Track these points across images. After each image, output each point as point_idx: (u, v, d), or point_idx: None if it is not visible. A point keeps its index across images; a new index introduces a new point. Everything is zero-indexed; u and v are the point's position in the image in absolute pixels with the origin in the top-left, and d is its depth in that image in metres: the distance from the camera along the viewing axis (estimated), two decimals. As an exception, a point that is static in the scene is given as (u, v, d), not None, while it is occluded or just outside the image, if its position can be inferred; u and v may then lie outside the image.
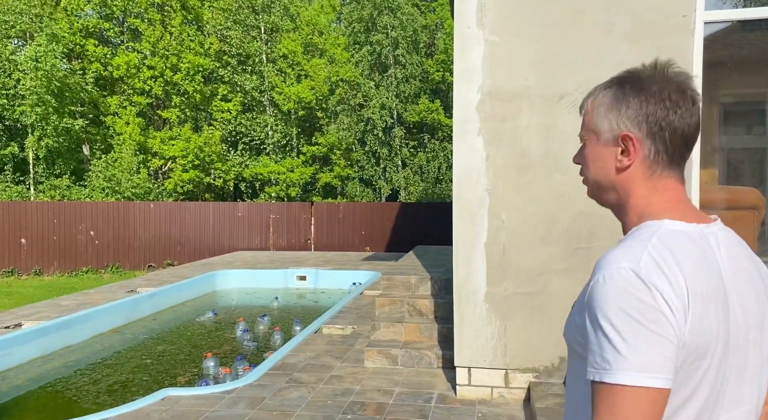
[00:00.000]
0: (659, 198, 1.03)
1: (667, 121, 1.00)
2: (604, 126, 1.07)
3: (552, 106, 4.15)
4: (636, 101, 1.02)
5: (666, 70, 1.03)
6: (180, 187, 19.47)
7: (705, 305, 0.92)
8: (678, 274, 0.91)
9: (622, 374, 0.86)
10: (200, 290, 9.81)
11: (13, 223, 13.58)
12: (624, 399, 0.86)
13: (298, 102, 20.64)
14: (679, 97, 1.00)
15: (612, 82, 1.08)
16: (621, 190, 1.07)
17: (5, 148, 18.26)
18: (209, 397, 4.35)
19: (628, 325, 0.88)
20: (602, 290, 0.92)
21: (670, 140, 1.01)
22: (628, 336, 0.87)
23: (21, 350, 6.07)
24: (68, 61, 19.73)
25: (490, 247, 4.28)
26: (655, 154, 1.02)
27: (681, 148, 1.02)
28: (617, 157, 1.05)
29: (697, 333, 0.91)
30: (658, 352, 0.87)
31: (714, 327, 0.93)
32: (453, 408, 4.14)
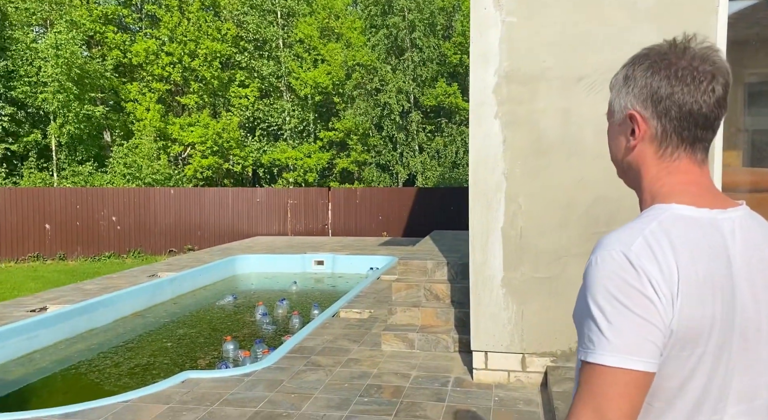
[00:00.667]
0: (671, 180, 1.00)
1: (672, 99, 0.96)
2: (616, 105, 1.06)
3: (570, 89, 4.09)
4: (642, 79, 0.99)
5: (682, 47, 0.99)
6: (199, 174, 19.65)
7: (699, 292, 0.90)
8: (670, 260, 0.90)
9: (604, 355, 0.88)
10: (220, 275, 9.93)
11: (38, 209, 13.83)
12: (603, 379, 0.88)
13: (315, 87, 20.61)
14: (688, 74, 0.96)
15: (629, 60, 1.05)
16: (634, 169, 1.05)
17: (29, 135, 18.55)
18: (229, 379, 4.42)
19: (613, 307, 0.89)
20: (593, 272, 0.93)
21: (677, 119, 0.97)
22: (613, 318, 0.88)
23: (46, 333, 6.21)
24: (88, 49, 19.92)
25: (507, 231, 4.25)
26: (663, 134, 0.99)
27: (692, 127, 0.97)
28: (627, 137, 1.04)
29: (686, 319, 0.90)
30: (640, 335, 0.88)
31: (709, 314, 0.91)
32: (470, 391, 4.16)
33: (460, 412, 3.80)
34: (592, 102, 4.05)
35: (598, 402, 0.88)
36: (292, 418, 3.71)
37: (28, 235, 13.79)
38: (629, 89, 1.02)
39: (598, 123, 4.05)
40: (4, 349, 5.66)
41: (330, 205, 14.67)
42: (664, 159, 1.01)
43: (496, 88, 4.22)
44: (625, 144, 1.05)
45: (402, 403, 3.93)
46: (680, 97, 0.96)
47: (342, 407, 3.87)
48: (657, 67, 0.98)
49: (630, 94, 1.01)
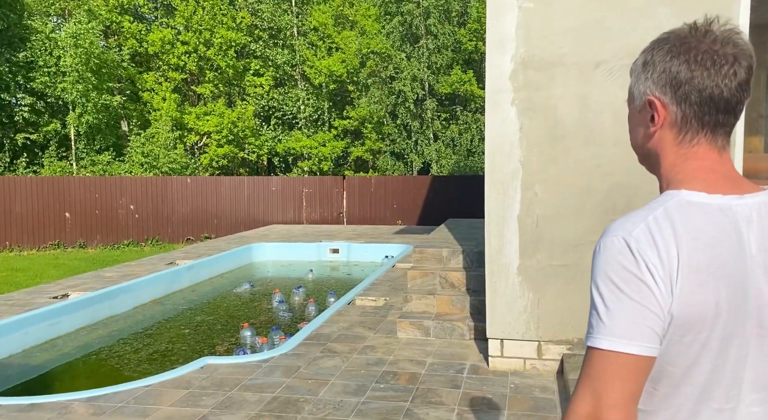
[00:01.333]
0: (688, 166, 0.99)
1: (692, 84, 0.94)
2: (636, 91, 1.04)
3: (588, 75, 4.04)
4: (661, 63, 0.97)
5: (703, 30, 0.96)
6: (215, 162, 19.78)
7: (701, 278, 0.90)
8: (671, 245, 0.90)
9: (600, 339, 0.90)
10: (237, 262, 10.02)
11: (58, 197, 14.04)
12: (600, 362, 0.90)
13: (329, 75, 20.58)
14: (708, 58, 0.94)
15: (648, 45, 1.03)
16: (653, 156, 1.04)
17: (48, 124, 18.78)
18: (247, 365, 4.48)
19: (611, 292, 0.91)
20: (596, 258, 0.95)
21: (697, 104, 0.95)
22: (610, 303, 0.90)
23: (68, 319, 6.33)
24: (104, 38, 20.06)
25: (523, 219, 4.24)
26: (683, 119, 0.97)
27: (712, 112, 0.96)
28: (647, 123, 1.02)
29: (687, 305, 0.90)
30: (637, 320, 0.89)
31: (711, 301, 0.90)
32: (485, 378, 4.18)
33: (476, 398, 3.82)
34: (609, 88, 4.01)
35: (595, 385, 0.90)
36: (310, 403, 3.75)
37: (48, 223, 14.01)
38: (648, 75, 1.00)
39: (616, 109, 4.01)
40: (28, 335, 5.79)
41: (345, 193, 14.70)
42: (683, 145, 0.99)
43: (512, 74, 4.18)
44: (644, 130, 1.04)
45: (418, 390, 3.96)
46: (700, 82, 0.94)
47: (358, 393, 3.91)
48: (676, 51, 0.96)
49: (649, 80, 1.00)
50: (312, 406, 3.70)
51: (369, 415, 3.56)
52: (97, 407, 3.73)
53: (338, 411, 3.63)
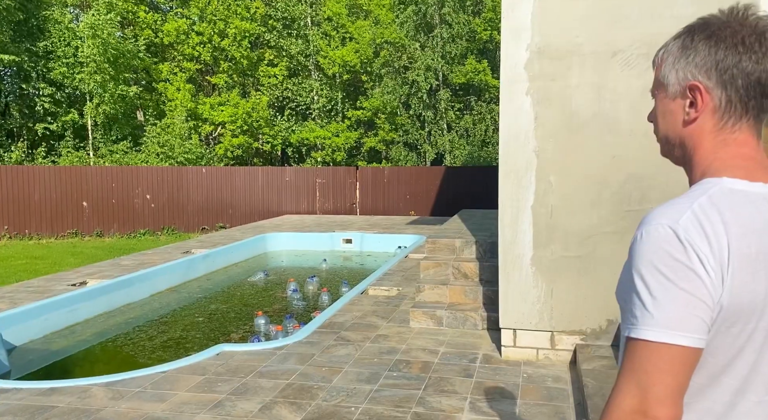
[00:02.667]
0: (726, 153, 0.97)
1: (739, 68, 0.92)
2: (671, 78, 1.01)
3: (604, 64, 4.01)
4: (705, 48, 0.95)
5: (742, 15, 0.95)
6: (230, 152, 19.89)
7: (751, 268, 0.88)
8: (721, 234, 0.88)
9: (647, 330, 0.87)
10: (251, 252, 10.10)
11: (76, 187, 14.22)
12: (647, 354, 0.87)
13: (343, 65, 20.56)
14: (755, 41, 0.92)
15: (682, 31, 1.01)
16: (688, 144, 1.01)
17: (66, 114, 18.99)
18: (261, 352, 4.53)
19: (658, 282, 0.87)
20: (639, 246, 0.91)
21: (744, 88, 0.93)
22: (657, 293, 0.87)
23: (86, 306, 6.43)
24: (121, 29, 20.20)
25: (537, 210, 4.22)
26: (727, 104, 0.95)
27: (758, 97, 0.94)
28: (685, 110, 1.00)
29: (737, 295, 0.88)
30: (686, 310, 0.86)
31: (761, 290, 0.89)
32: (498, 368, 4.19)
33: (489, 387, 3.83)
34: (626, 77, 3.97)
35: (640, 377, 0.87)
36: (323, 390, 3.80)
37: (66, 212, 14.21)
38: (689, 59, 0.98)
39: (633, 99, 3.97)
40: (47, 321, 5.89)
41: (358, 184, 14.72)
42: (723, 131, 0.97)
43: (527, 64, 4.16)
44: (682, 117, 1.01)
45: (430, 378, 3.99)
46: (747, 65, 0.92)
47: (371, 381, 3.94)
48: (721, 35, 0.95)
49: (690, 64, 0.97)
50: (326, 393, 3.74)
51: (382, 403, 3.60)
52: (115, 391, 3.80)
53: (351, 398, 3.67)
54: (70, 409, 3.54)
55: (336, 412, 3.46)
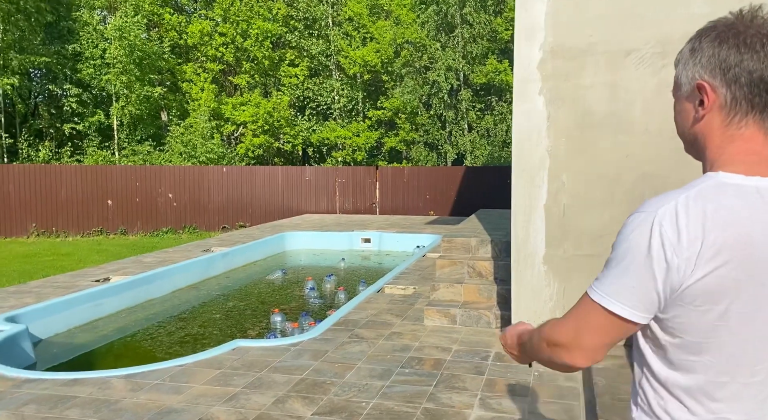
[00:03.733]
0: (732, 149, 1.02)
1: (742, 66, 0.98)
2: (683, 78, 1.08)
3: (618, 64, 4.00)
4: (710, 49, 1.01)
5: (750, 17, 1.01)
6: (251, 152, 20.12)
7: (724, 256, 0.95)
8: (697, 225, 0.95)
9: (595, 292, 1.03)
10: (270, 250, 10.23)
11: (101, 186, 14.54)
12: (590, 310, 1.04)
13: (364, 65, 20.65)
14: (757, 41, 0.98)
15: (694, 34, 1.08)
16: (700, 141, 1.07)
17: (93, 115, 19.41)
18: (276, 348, 4.61)
19: (617, 257, 1.01)
20: (622, 227, 1.04)
21: (747, 86, 0.98)
22: (614, 266, 1.01)
23: (109, 302, 6.60)
24: (147, 31, 20.60)
25: (549, 208, 4.24)
26: (732, 102, 1.00)
27: (763, 93, 0.99)
28: (695, 108, 1.06)
29: (705, 277, 0.95)
30: (629, 285, 0.99)
31: (731, 276, 0.95)
32: (509, 366, 4.21)
33: (500, 385, 3.86)
34: (640, 76, 3.96)
35: (580, 324, 1.05)
36: (336, 385, 3.86)
37: (92, 210, 14.53)
38: (696, 60, 1.04)
39: (647, 98, 3.96)
40: (72, 315, 6.06)
41: (377, 183, 14.78)
42: (730, 127, 1.02)
43: (540, 63, 4.17)
44: (693, 115, 1.06)
45: (442, 375, 4.02)
46: (749, 64, 0.98)
47: (383, 377, 3.99)
48: (725, 36, 1.01)
49: (698, 65, 1.04)
50: (338, 388, 3.80)
51: (393, 398, 3.64)
52: (134, 383, 3.91)
53: (363, 393, 3.73)
54: (91, 399, 3.66)
55: (347, 407, 3.52)
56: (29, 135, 18.73)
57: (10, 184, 14.04)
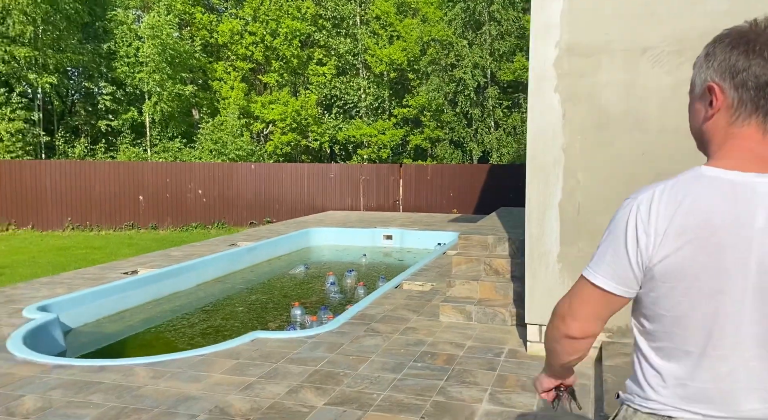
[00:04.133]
0: (729, 145, 1.12)
1: (749, 72, 1.07)
2: (697, 80, 1.18)
3: (634, 61, 3.98)
4: (722, 54, 1.11)
5: (763, 26, 1.09)
6: (279, 150, 20.38)
7: (686, 238, 1.08)
8: (668, 210, 1.09)
9: (587, 270, 1.20)
10: (294, 246, 10.40)
11: (133, 181, 14.94)
12: (581, 285, 1.22)
13: (390, 64, 20.72)
14: (766, 48, 1.06)
15: (711, 40, 1.17)
16: (706, 138, 1.17)
17: (126, 112, 19.92)
18: (293, 340, 4.73)
19: (606, 239, 1.18)
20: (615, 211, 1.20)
21: (754, 89, 1.07)
22: (601, 246, 1.19)
23: (136, 294, 6.81)
24: (179, 30, 21.03)
25: (564, 207, 4.24)
26: (739, 103, 1.09)
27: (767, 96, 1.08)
28: (705, 108, 1.15)
29: (667, 258, 1.09)
30: (609, 261, 1.15)
31: (690, 257, 1.08)
32: (522, 362, 4.24)
33: (511, 381, 3.89)
34: (656, 75, 3.93)
35: (573, 298, 1.23)
36: (349, 377, 3.95)
37: (124, 205, 14.94)
38: (709, 64, 1.13)
39: (663, 96, 3.93)
40: (100, 306, 6.29)
41: (401, 181, 14.84)
42: (733, 126, 1.11)
43: (556, 61, 4.17)
44: (703, 114, 1.16)
45: (454, 370, 4.07)
46: (756, 70, 1.06)
47: (396, 370, 4.07)
48: (737, 43, 1.10)
49: (710, 69, 1.13)
50: (350, 380, 3.89)
51: (403, 391, 3.71)
52: (156, 371, 4.06)
53: (374, 385, 3.80)
54: (115, 385, 3.82)
55: (358, 398, 3.60)
56: (66, 132, 19.32)
57: (47, 180, 14.53)
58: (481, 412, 3.43)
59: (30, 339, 4.69)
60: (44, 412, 3.38)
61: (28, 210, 14.55)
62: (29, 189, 14.53)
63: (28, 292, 6.27)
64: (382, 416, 3.36)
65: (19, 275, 8.46)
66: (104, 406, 3.48)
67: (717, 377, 1.11)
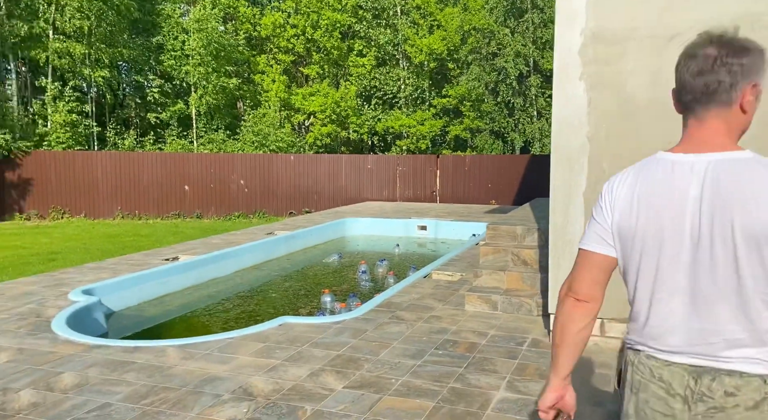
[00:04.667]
0: (683, 134, 1.41)
1: (678, 75, 1.37)
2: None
3: (661, 48, 3.89)
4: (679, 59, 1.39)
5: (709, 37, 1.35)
6: (319, 141, 20.62)
7: (630, 207, 1.37)
8: (624, 185, 1.40)
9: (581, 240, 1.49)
10: (330, 235, 10.56)
11: (179, 172, 15.44)
12: (577, 257, 1.50)
13: (430, 53, 20.61)
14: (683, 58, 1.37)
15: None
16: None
17: (174, 105, 20.53)
18: (319, 325, 4.85)
19: (592, 213, 1.48)
20: None
21: (680, 89, 1.38)
22: (590, 220, 1.48)
23: (176, 280, 7.08)
24: (223, 23, 21.49)
25: (588, 196, 4.19)
26: (677, 101, 1.40)
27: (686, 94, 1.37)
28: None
29: (618, 223, 1.40)
30: (591, 230, 1.46)
31: (635, 223, 1.36)
32: (545, 352, 4.23)
33: (530, 369, 3.90)
34: (684, 61, 3.83)
35: (574, 269, 1.49)
36: (369, 362, 4.03)
37: (171, 195, 15.47)
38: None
39: (692, 83, 3.83)
40: (142, 291, 6.58)
41: (438, 172, 14.81)
42: (684, 119, 1.41)
43: (581, 49, 4.12)
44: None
45: (474, 358, 4.11)
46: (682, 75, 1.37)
47: (416, 357, 4.13)
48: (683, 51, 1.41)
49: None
50: (371, 365, 3.98)
51: (422, 377, 3.78)
52: (186, 352, 4.25)
53: (394, 370, 3.88)
54: (147, 365, 4.02)
55: (376, 382, 3.69)
56: (116, 124, 20.07)
57: (98, 170, 15.18)
58: (497, 399, 3.46)
59: (73, 320, 4.97)
60: (80, 389, 3.60)
61: (81, 199, 15.24)
62: (82, 179, 15.21)
63: (76, 277, 6.62)
64: (398, 400, 3.43)
65: (70, 261, 8.91)
66: (136, 384, 3.68)
67: (659, 318, 1.35)
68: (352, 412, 3.27)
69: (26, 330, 4.72)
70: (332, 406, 3.36)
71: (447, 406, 3.35)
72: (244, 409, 3.31)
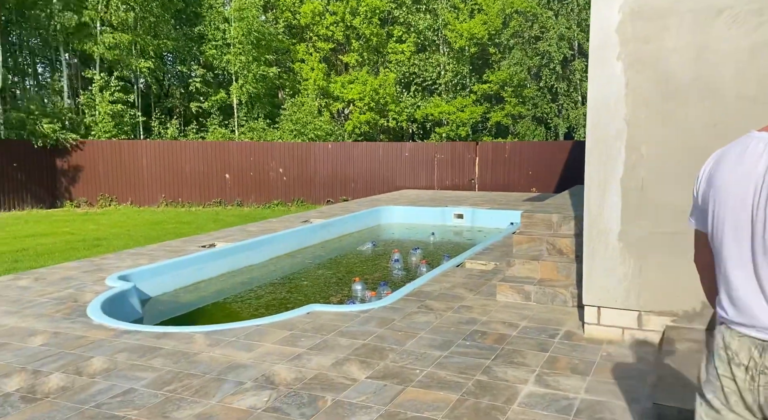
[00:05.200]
0: None
1: None
2: None
3: (705, 23, 3.63)
4: None
5: None
6: (357, 129, 20.57)
7: (709, 181, 1.49)
8: (712, 160, 1.52)
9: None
10: (365, 223, 10.52)
11: (220, 160, 15.68)
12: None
13: (470, 38, 20.21)
14: None
15: None
16: None
17: (216, 94, 20.83)
18: (347, 314, 4.80)
19: None
20: None
21: None
22: None
23: (212, 266, 7.17)
24: (263, 12, 21.60)
25: (626, 182, 3.98)
26: None
27: None
28: None
29: (700, 196, 1.54)
30: (693, 207, 1.60)
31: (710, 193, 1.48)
32: (577, 345, 4.06)
33: (561, 363, 3.75)
34: (732, 37, 3.56)
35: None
36: (395, 352, 3.96)
37: (212, 183, 15.74)
38: None
39: (740, 60, 3.57)
40: (178, 277, 6.68)
41: (477, 159, 14.55)
42: None
43: (619, 26, 3.89)
44: None
45: (503, 350, 3.98)
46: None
47: (443, 348, 4.03)
48: None
49: None
50: (396, 355, 3.90)
51: (447, 368, 3.68)
52: (213, 339, 4.28)
53: (419, 361, 3.79)
54: (174, 351, 4.06)
55: (400, 373, 3.61)
56: (161, 113, 20.52)
57: (143, 158, 15.56)
58: (524, 393, 3.33)
59: (108, 306, 5.08)
60: (108, 373, 3.66)
61: (127, 186, 15.68)
62: (128, 167, 15.64)
63: (115, 262, 6.77)
64: (421, 392, 3.35)
65: (113, 247, 9.16)
66: (161, 370, 3.71)
67: (732, 291, 1.44)
68: (373, 403, 3.20)
69: (62, 314, 4.85)
70: (353, 396, 3.30)
71: (471, 399, 3.25)
72: (265, 398, 3.29)
